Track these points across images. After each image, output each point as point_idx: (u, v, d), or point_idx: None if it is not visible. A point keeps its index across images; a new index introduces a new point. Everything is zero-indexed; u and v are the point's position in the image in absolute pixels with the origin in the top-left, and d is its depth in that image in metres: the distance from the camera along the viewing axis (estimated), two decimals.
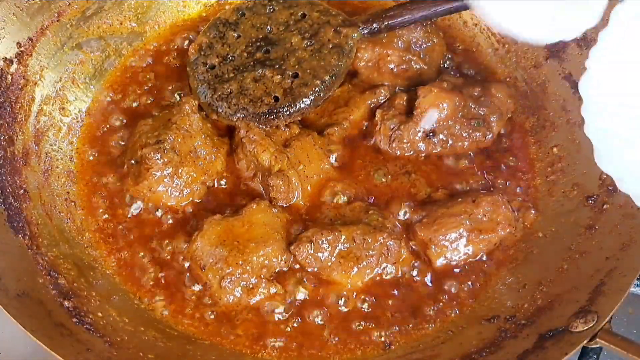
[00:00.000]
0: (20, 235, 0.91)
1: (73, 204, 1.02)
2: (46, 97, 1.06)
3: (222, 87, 1.08)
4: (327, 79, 1.07)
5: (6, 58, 1.01)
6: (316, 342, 0.92)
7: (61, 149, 1.06)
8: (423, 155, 1.07)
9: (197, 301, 0.94)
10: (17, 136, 1.00)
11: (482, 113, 1.06)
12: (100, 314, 0.89)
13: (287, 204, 1.00)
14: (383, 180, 1.05)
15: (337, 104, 1.11)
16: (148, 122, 1.04)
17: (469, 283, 0.97)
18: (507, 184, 1.06)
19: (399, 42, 1.13)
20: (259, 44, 1.12)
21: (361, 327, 0.93)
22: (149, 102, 1.11)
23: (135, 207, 1.01)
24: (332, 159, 1.06)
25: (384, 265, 0.96)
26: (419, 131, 1.06)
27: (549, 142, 1.09)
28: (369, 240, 0.94)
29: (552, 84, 1.11)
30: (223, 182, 1.04)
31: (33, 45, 1.05)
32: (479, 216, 0.98)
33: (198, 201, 1.02)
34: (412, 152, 1.07)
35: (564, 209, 1.01)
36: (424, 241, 0.98)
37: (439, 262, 0.97)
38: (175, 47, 1.18)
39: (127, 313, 0.92)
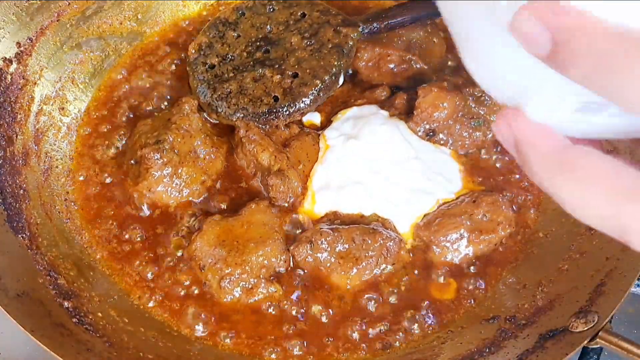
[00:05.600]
0: (20, 235, 0.91)
1: (72, 204, 1.02)
2: (46, 97, 1.06)
3: (222, 86, 1.08)
4: (326, 78, 1.07)
5: (6, 58, 1.01)
6: (315, 342, 0.92)
7: (61, 149, 1.06)
8: None
9: (197, 301, 0.94)
10: (16, 136, 1.00)
11: (483, 113, 1.06)
12: (100, 314, 0.89)
13: (287, 204, 1.00)
14: None
15: (337, 104, 1.11)
16: (147, 122, 1.04)
17: (469, 283, 0.97)
18: (507, 183, 1.05)
19: (399, 42, 1.13)
20: (258, 43, 1.12)
21: (361, 328, 0.93)
22: (148, 102, 1.11)
23: (135, 207, 1.01)
24: None
25: (383, 265, 0.96)
26: (420, 131, 1.05)
27: None
28: (369, 241, 0.94)
29: None
30: (223, 182, 1.04)
31: (33, 45, 1.05)
32: (480, 216, 0.98)
33: (198, 201, 1.02)
34: None
35: None
36: (425, 242, 0.98)
37: (439, 262, 0.97)
38: (175, 46, 1.18)
39: (127, 313, 0.92)
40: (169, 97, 1.12)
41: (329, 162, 1.01)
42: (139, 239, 0.99)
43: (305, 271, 0.95)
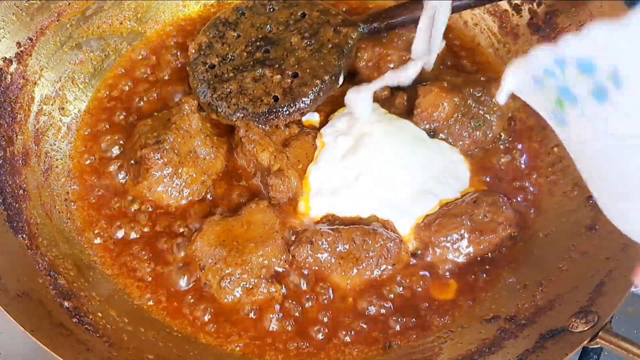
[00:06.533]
0: (20, 235, 0.91)
1: (73, 204, 1.02)
2: (46, 97, 1.06)
3: (222, 86, 1.08)
4: (326, 78, 1.07)
5: (6, 58, 1.01)
6: (316, 342, 0.92)
7: (61, 149, 1.06)
8: None
9: (197, 301, 0.94)
10: (16, 136, 1.00)
11: (482, 113, 1.06)
12: (100, 314, 0.89)
13: (287, 202, 1.00)
14: None
15: (337, 104, 1.11)
16: (148, 123, 1.04)
17: (469, 283, 0.97)
18: (508, 184, 1.05)
19: (399, 42, 1.13)
20: (258, 43, 1.12)
21: (361, 328, 0.93)
22: (148, 102, 1.11)
23: (135, 207, 1.01)
24: None
25: (384, 266, 0.96)
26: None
27: (550, 142, 1.08)
28: (369, 242, 0.94)
29: None
30: (223, 182, 1.04)
31: (33, 45, 1.05)
32: (480, 217, 0.98)
33: (198, 201, 1.02)
34: None
35: (565, 209, 1.01)
36: (425, 242, 0.98)
37: (440, 263, 0.97)
38: (175, 46, 1.18)
39: (126, 313, 0.92)
40: (169, 97, 1.12)
41: (322, 163, 1.01)
42: (139, 239, 0.99)
43: (306, 271, 0.95)
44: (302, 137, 1.04)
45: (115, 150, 1.06)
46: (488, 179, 1.05)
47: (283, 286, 0.94)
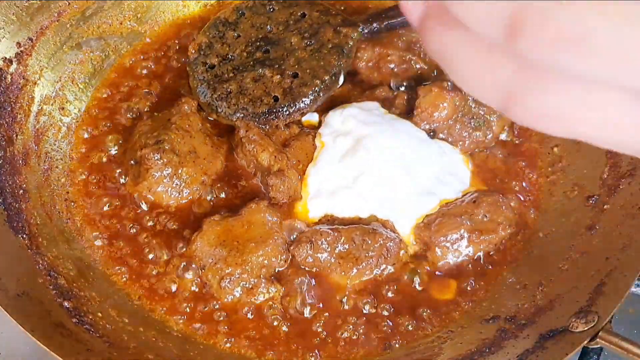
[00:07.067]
0: (20, 235, 0.91)
1: (73, 204, 1.02)
2: (46, 97, 1.06)
3: (222, 86, 1.08)
4: (326, 78, 1.07)
5: (6, 58, 1.01)
6: (315, 342, 0.92)
7: (61, 149, 1.06)
8: None
9: (197, 301, 0.94)
10: (16, 136, 1.00)
11: (482, 113, 1.06)
12: (100, 314, 0.89)
13: (287, 204, 1.00)
14: None
15: (337, 104, 1.11)
16: (147, 123, 1.04)
17: (469, 283, 0.97)
18: (508, 184, 1.05)
19: (399, 42, 1.13)
20: (258, 43, 1.12)
21: (361, 327, 0.93)
22: (148, 102, 1.11)
23: (135, 208, 1.01)
24: None
25: (383, 266, 0.96)
26: None
27: (550, 142, 1.08)
28: (369, 241, 0.94)
29: None
30: (223, 182, 1.04)
31: (33, 45, 1.05)
32: (480, 217, 0.97)
33: (198, 201, 1.02)
34: None
35: (565, 209, 1.01)
36: (425, 242, 0.98)
37: (439, 263, 0.97)
38: (175, 46, 1.18)
39: (127, 313, 0.92)
40: (168, 97, 1.12)
41: (322, 164, 1.01)
42: (139, 239, 0.99)
43: (306, 271, 0.95)
44: (302, 137, 1.04)
45: (115, 150, 1.06)
46: (488, 179, 1.05)
47: (283, 286, 0.94)
